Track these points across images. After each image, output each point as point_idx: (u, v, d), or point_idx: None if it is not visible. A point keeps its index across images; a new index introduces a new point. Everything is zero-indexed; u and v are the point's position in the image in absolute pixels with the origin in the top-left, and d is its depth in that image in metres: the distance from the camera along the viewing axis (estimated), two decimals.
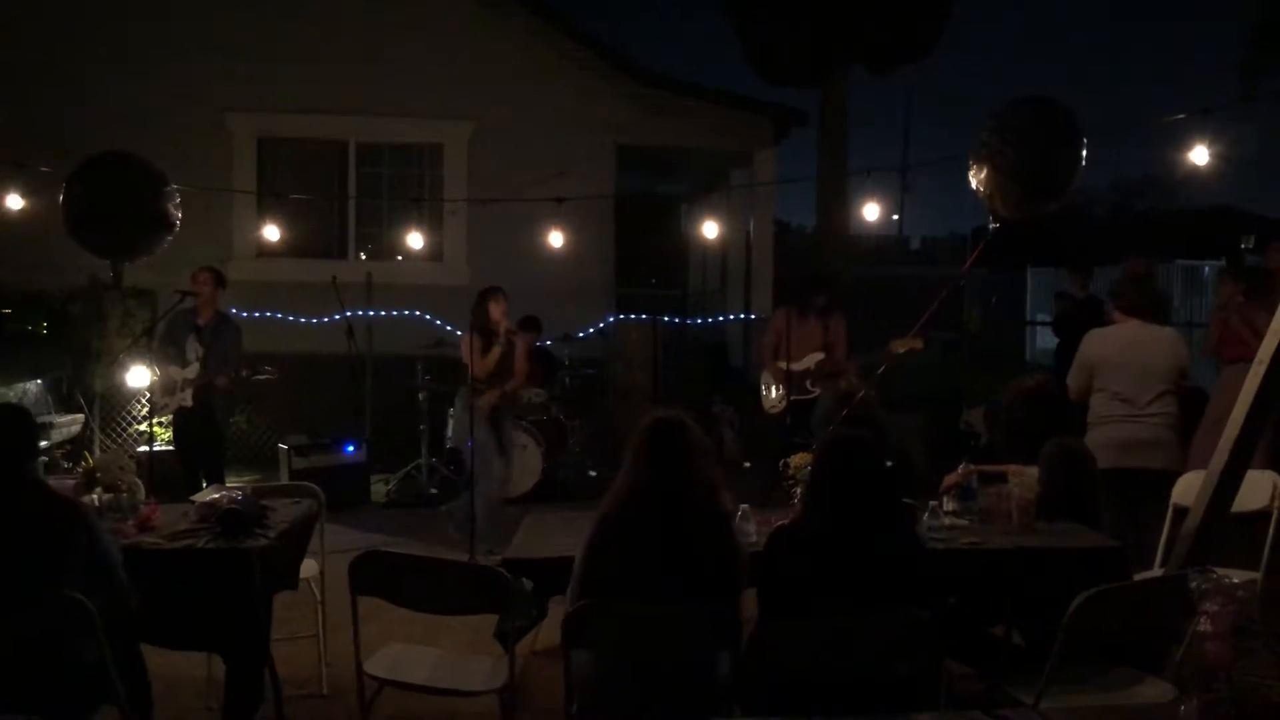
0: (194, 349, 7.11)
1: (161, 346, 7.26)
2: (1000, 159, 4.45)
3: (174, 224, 5.44)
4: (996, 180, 4.48)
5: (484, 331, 6.80)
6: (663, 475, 3.18)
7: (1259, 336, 4.48)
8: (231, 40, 10.35)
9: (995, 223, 4.72)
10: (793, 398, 7.47)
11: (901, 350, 6.95)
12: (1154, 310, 5.74)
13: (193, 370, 7.08)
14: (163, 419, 7.78)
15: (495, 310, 6.79)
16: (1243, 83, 15.86)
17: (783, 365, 7.47)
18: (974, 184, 4.60)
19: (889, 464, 3.41)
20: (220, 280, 7.31)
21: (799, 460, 4.36)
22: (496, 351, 6.78)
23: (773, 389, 7.78)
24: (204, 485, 6.52)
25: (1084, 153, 4.47)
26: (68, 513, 3.36)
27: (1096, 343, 5.63)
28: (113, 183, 5.35)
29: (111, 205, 5.27)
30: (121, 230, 5.32)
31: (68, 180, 5.35)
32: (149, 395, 7.71)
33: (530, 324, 8.61)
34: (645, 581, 3.05)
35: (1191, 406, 5.79)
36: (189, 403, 7.10)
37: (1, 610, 3.11)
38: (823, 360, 7.55)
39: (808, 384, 7.55)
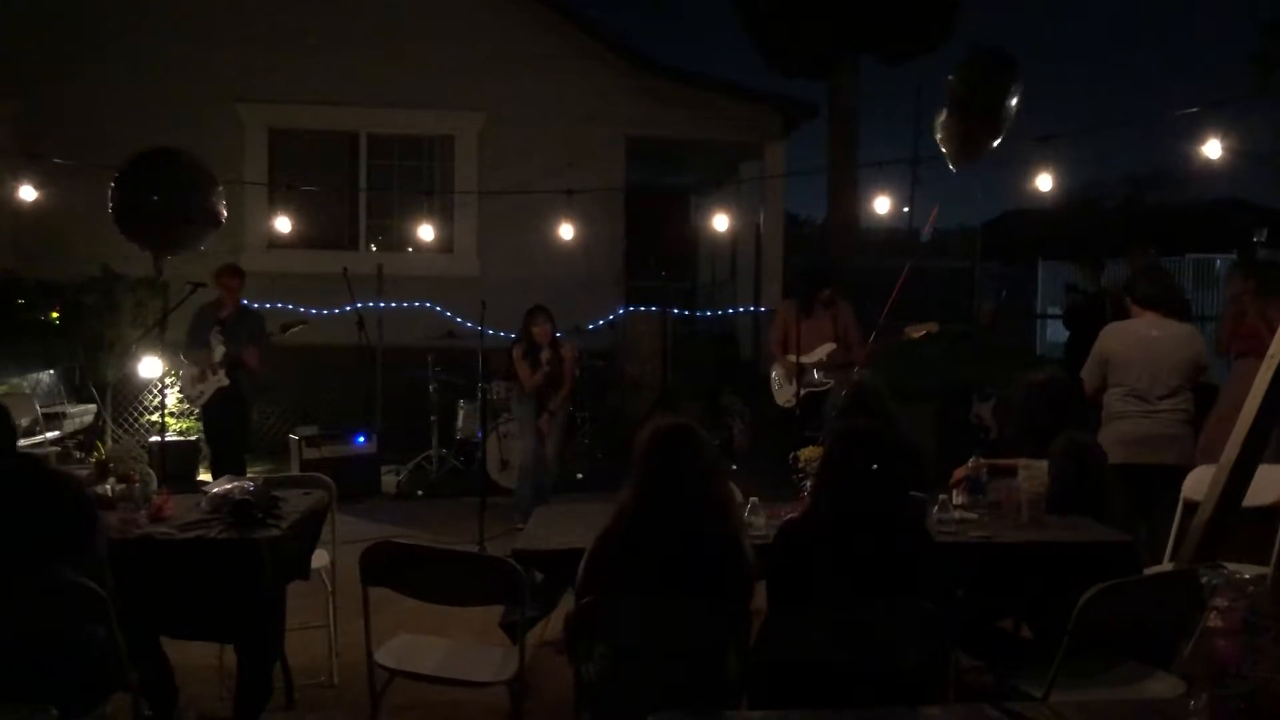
0: (217, 338, 7.25)
1: (190, 340, 7.43)
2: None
3: (219, 221, 5.55)
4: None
5: (530, 351, 7.29)
6: (668, 490, 3.14)
7: (1273, 331, 4.47)
8: (243, 31, 10.36)
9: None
10: (804, 390, 7.45)
11: (918, 335, 6.96)
12: (1171, 303, 5.67)
13: (219, 353, 7.23)
14: (192, 410, 7.90)
15: (536, 333, 7.26)
16: (1256, 75, 15.74)
17: (792, 358, 7.48)
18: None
19: (898, 457, 3.40)
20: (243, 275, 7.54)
21: (809, 453, 4.37)
22: (541, 374, 7.27)
23: (783, 382, 7.76)
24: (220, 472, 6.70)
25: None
26: (72, 491, 3.37)
27: (1112, 338, 5.54)
28: (159, 179, 5.43)
29: (158, 201, 5.36)
30: (165, 225, 5.41)
31: (117, 176, 5.44)
32: (180, 387, 7.81)
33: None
34: (651, 593, 3.05)
35: (1206, 402, 5.75)
36: (225, 382, 7.27)
37: (9, 591, 3.13)
38: (833, 351, 7.54)
39: (818, 375, 7.54)
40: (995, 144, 5.29)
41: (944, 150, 5.42)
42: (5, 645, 3.10)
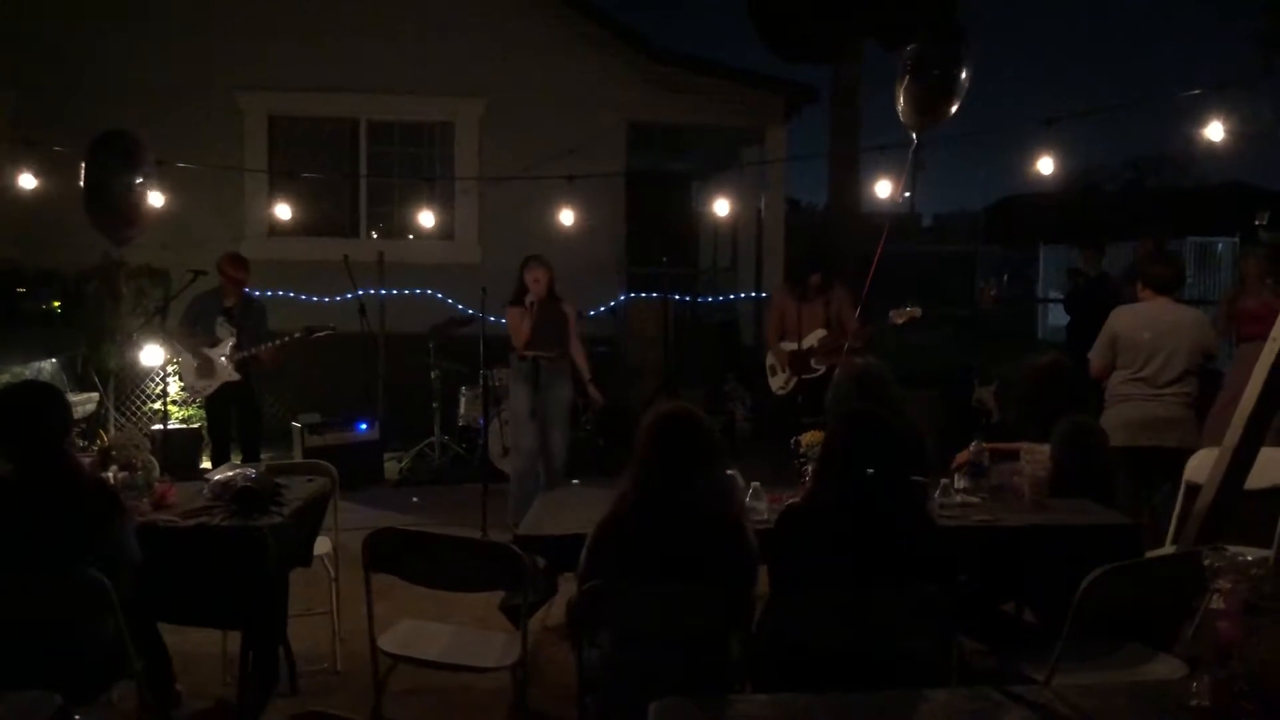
0: (225, 329, 7.18)
1: (189, 330, 7.31)
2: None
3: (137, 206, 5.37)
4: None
5: (518, 300, 6.80)
6: (671, 475, 3.14)
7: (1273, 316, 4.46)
8: (241, 18, 10.32)
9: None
10: (800, 377, 7.47)
11: (901, 321, 6.96)
12: (1181, 288, 5.67)
13: (228, 345, 7.18)
14: (197, 398, 7.88)
15: (527, 277, 6.77)
16: (1260, 54, 15.67)
17: (785, 346, 7.51)
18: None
19: (900, 441, 3.39)
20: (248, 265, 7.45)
21: (810, 438, 4.37)
22: (527, 322, 6.71)
23: (778, 370, 7.78)
24: (237, 460, 6.75)
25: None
26: (105, 499, 3.39)
27: (1123, 319, 5.52)
28: (99, 166, 5.34)
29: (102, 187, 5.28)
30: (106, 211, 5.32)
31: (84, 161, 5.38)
32: (181, 379, 7.78)
33: None
34: (654, 579, 3.05)
35: (1209, 387, 5.75)
36: (235, 376, 7.21)
37: (20, 584, 3.14)
38: (825, 337, 7.52)
39: (812, 362, 7.54)
40: (952, 111, 5.39)
41: (904, 119, 5.53)
42: (13, 635, 3.11)
